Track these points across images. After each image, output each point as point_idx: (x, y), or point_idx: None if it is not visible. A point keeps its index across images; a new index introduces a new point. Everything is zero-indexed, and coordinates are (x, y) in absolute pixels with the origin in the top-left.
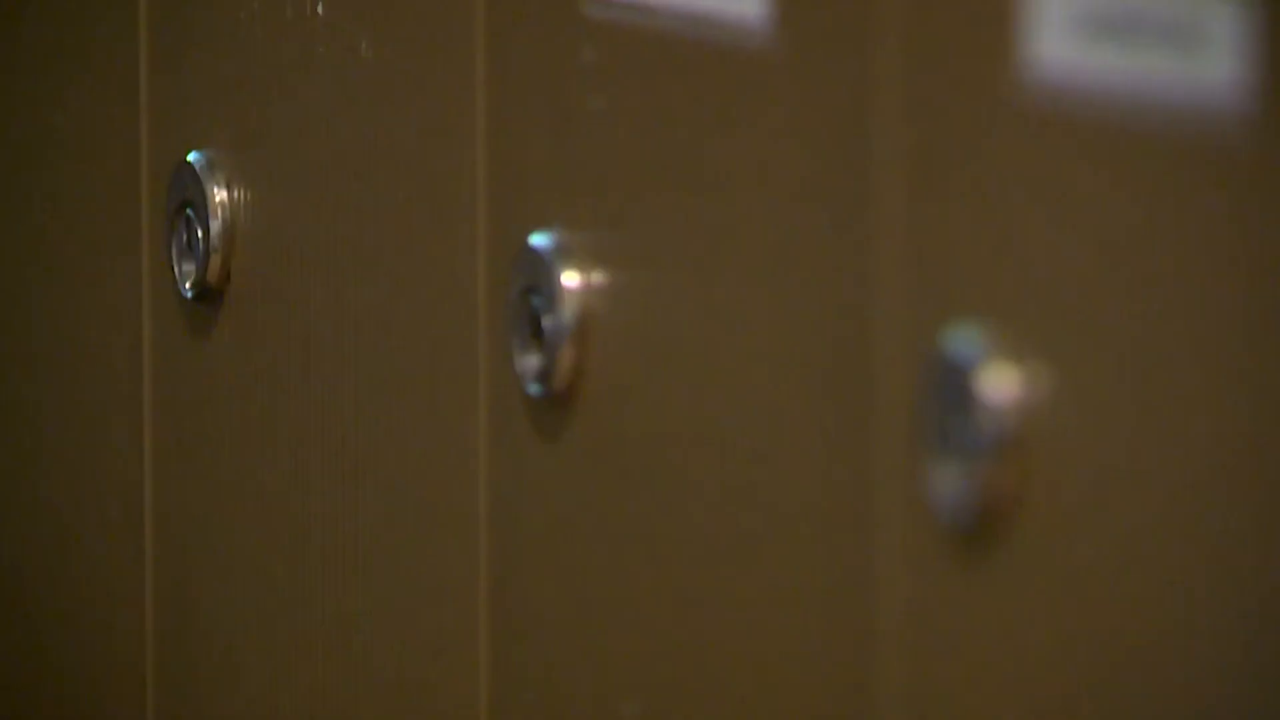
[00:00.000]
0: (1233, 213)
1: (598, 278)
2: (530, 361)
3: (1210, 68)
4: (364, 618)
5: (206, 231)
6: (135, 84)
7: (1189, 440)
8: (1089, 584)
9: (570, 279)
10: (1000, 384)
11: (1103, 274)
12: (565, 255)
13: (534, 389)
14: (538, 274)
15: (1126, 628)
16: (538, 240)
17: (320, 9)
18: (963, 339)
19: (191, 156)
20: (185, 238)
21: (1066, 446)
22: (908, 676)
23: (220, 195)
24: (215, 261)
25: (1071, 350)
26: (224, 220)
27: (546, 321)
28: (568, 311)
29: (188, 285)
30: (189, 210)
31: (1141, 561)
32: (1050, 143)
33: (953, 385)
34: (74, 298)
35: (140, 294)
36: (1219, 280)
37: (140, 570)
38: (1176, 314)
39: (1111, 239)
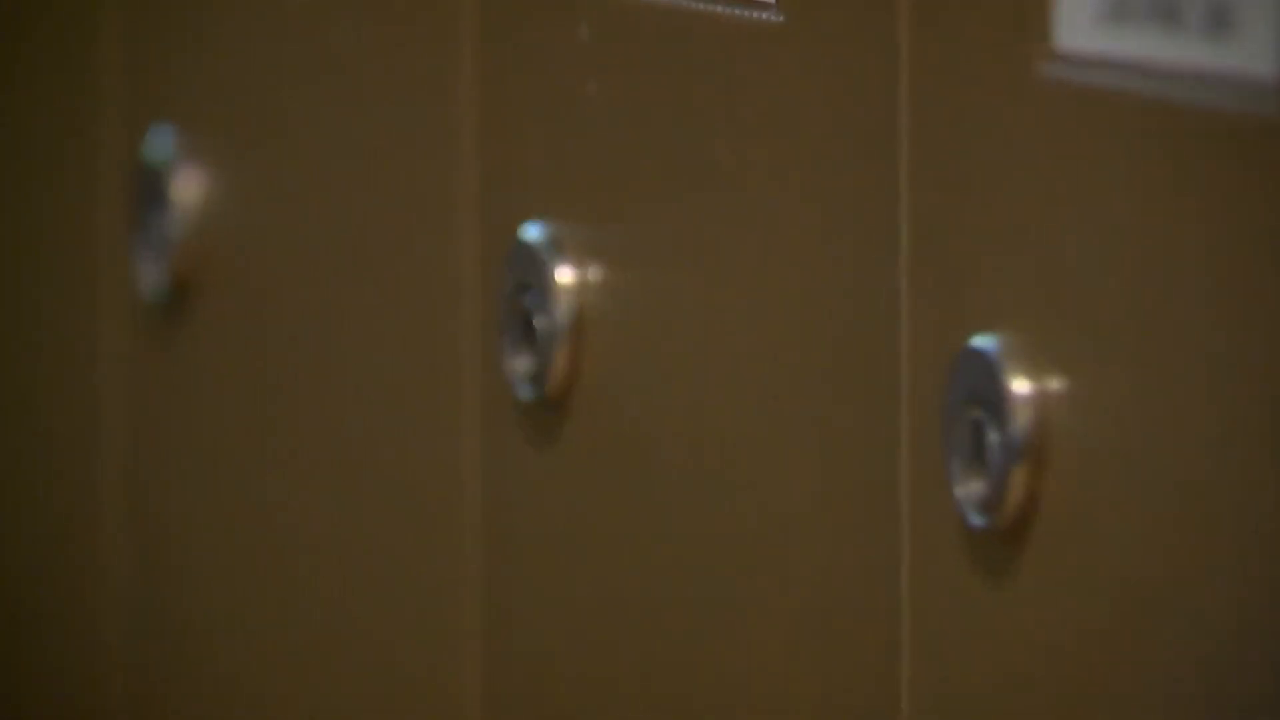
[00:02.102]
0: (1267, 207)
1: (595, 274)
2: (523, 363)
3: (1244, 55)
4: (353, 630)
5: (169, 229)
6: (97, 71)
7: (1212, 445)
8: (1110, 586)
9: (565, 275)
10: (1025, 387)
11: (1130, 271)
12: (560, 250)
13: (526, 392)
14: (531, 270)
15: (1145, 629)
16: (530, 234)
17: None
18: (983, 339)
19: (154, 139)
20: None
21: (1089, 449)
22: (932, 681)
23: (186, 185)
24: (187, 257)
25: (1097, 353)
26: (186, 216)
27: (539, 321)
28: (562, 310)
29: (151, 284)
30: (154, 210)
31: (1161, 564)
32: (1077, 133)
33: (973, 386)
34: (31, 300)
35: (95, 299)
36: (1253, 279)
37: (118, 576)
38: (1206, 313)
39: (1137, 234)
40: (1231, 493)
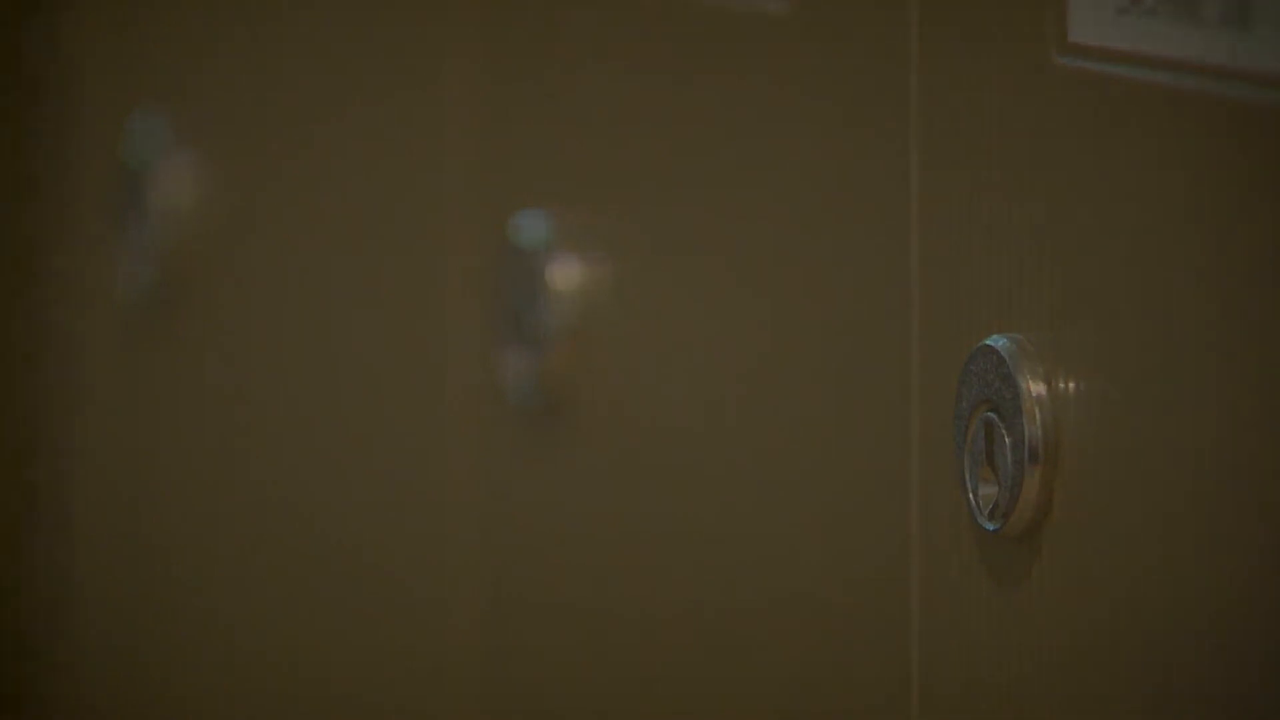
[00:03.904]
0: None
1: (595, 269)
2: (520, 366)
3: (1264, 47)
4: (350, 630)
5: (153, 224)
6: (79, 60)
7: (1225, 448)
8: (1121, 590)
9: (564, 271)
10: (1039, 388)
11: (1146, 271)
12: (559, 244)
13: (525, 397)
14: (527, 266)
15: (1156, 633)
16: (528, 228)
17: None
18: (996, 339)
19: (138, 130)
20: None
21: (1102, 452)
22: (942, 685)
23: (171, 179)
24: (172, 253)
25: (1111, 354)
26: (171, 211)
27: (535, 320)
28: (561, 309)
29: (135, 281)
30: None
31: (1173, 568)
32: (1092, 127)
33: (985, 388)
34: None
35: (77, 296)
36: (1271, 279)
37: (104, 579)
38: (1222, 314)
39: (1153, 232)
40: (1244, 496)
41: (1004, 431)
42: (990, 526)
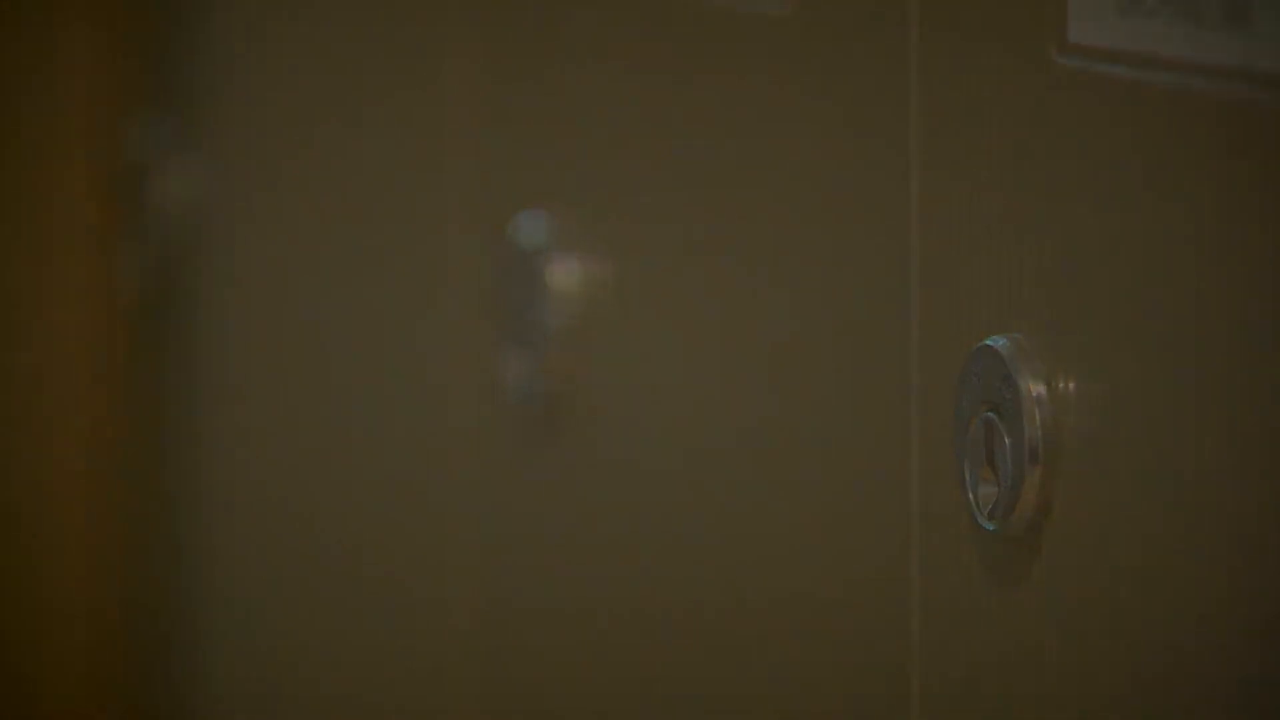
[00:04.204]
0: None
1: (595, 269)
2: (520, 366)
3: (1262, 46)
4: (352, 629)
5: (159, 225)
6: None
7: (1225, 448)
8: (1121, 590)
9: (564, 271)
10: (1038, 388)
11: (1145, 271)
12: (559, 244)
13: (525, 397)
14: (527, 266)
15: (1156, 633)
16: (528, 228)
17: None
18: (995, 340)
19: (146, 132)
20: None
21: (1102, 452)
22: (942, 686)
23: (178, 180)
24: (177, 254)
25: (1111, 354)
26: (177, 212)
27: (535, 320)
28: (561, 309)
29: (139, 280)
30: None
31: (1173, 568)
32: (1092, 127)
33: (985, 388)
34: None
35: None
36: (1272, 278)
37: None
38: (1222, 313)
39: (1153, 232)
40: (1244, 497)
41: (1004, 431)
42: (990, 526)
